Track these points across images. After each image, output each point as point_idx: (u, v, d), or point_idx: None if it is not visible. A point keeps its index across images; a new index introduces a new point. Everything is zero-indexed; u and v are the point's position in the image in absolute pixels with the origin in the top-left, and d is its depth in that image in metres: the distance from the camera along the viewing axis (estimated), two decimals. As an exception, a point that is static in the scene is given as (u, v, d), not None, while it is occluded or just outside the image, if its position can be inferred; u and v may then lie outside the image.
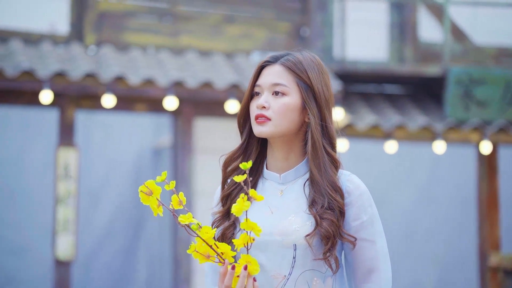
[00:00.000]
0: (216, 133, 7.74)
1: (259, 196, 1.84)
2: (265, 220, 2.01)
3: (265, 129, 2.02)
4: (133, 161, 10.02)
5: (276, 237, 1.99)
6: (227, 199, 2.07)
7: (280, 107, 2.02)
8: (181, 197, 1.88)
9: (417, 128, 7.75)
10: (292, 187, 2.05)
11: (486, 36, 8.82)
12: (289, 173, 2.06)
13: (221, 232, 2.03)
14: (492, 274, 8.00)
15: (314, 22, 8.04)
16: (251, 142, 2.09)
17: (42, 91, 6.82)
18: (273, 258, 2.00)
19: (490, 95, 7.88)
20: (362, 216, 2.01)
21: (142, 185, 1.85)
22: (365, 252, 2.01)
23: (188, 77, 7.20)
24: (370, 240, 2.01)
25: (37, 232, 9.14)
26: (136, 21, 7.82)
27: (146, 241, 9.98)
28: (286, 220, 2.00)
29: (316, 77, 2.05)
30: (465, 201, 9.93)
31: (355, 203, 2.01)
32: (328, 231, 1.96)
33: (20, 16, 7.71)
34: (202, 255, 1.88)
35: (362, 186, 2.03)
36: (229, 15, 8.07)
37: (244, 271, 1.87)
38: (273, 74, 2.04)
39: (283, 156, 2.07)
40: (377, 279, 2.01)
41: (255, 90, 2.06)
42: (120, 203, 9.84)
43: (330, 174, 2.01)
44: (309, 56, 2.09)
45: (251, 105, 2.06)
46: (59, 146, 7.18)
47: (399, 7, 8.54)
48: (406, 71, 8.06)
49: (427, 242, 10.05)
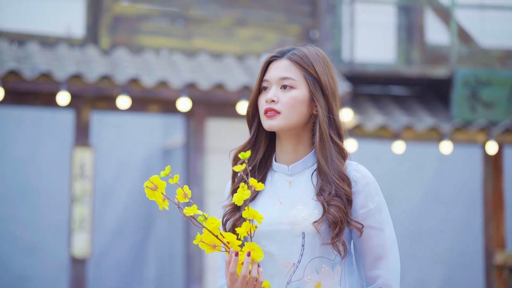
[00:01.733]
0: (228, 134, 7.85)
1: (259, 185, 1.88)
2: (274, 211, 2.04)
3: (275, 122, 2.04)
4: (143, 161, 10.11)
5: (285, 226, 2.01)
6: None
7: (289, 100, 2.04)
8: (186, 190, 1.91)
9: (425, 129, 7.79)
10: (300, 178, 2.07)
11: (492, 39, 8.83)
12: (297, 165, 2.07)
13: (232, 224, 2.06)
14: (498, 272, 8.03)
15: (323, 25, 8.15)
16: (260, 136, 2.11)
17: (59, 93, 6.96)
18: (283, 247, 2.02)
19: (496, 96, 7.92)
20: (369, 204, 2.02)
21: (147, 181, 1.90)
22: (373, 239, 2.02)
23: (200, 79, 7.33)
24: (378, 227, 2.02)
25: (51, 231, 9.23)
26: (149, 24, 7.95)
27: (157, 239, 10.07)
28: (295, 210, 2.03)
29: (322, 70, 2.07)
30: (471, 200, 9.90)
31: (362, 191, 2.03)
32: (335, 216, 1.98)
33: (37, 19, 7.84)
34: (208, 245, 1.92)
35: (369, 175, 2.05)
36: (241, 18, 8.19)
37: (247, 257, 1.89)
38: (281, 68, 2.07)
39: (291, 149, 2.08)
40: (385, 266, 2.02)
41: (263, 85, 2.08)
42: (130, 202, 9.93)
43: (337, 164, 2.02)
44: (314, 50, 2.11)
45: (259, 100, 2.09)
46: (75, 146, 7.32)
47: (406, 10, 8.59)
48: (414, 73, 8.12)
49: (433, 241, 10.06)
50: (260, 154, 2.10)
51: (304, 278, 2.01)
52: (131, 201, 9.93)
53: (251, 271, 1.91)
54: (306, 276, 2.01)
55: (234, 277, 1.91)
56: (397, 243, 2.08)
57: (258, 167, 2.10)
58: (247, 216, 1.88)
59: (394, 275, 2.02)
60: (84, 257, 7.23)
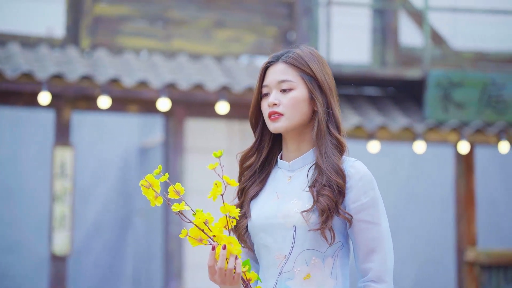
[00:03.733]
0: (207, 133, 7.96)
1: (232, 181, 1.96)
2: (271, 205, 2.11)
3: (279, 124, 2.10)
4: (121, 159, 10.14)
5: (279, 219, 2.07)
6: (242, 193, 2.18)
7: (290, 101, 2.10)
8: (178, 188, 1.99)
9: (399, 129, 7.83)
10: (299, 173, 2.12)
11: (464, 41, 8.90)
12: (297, 161, 2.14)
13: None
14: (468, 268, 8.09)
15: (300, 27, 8.24)
16: (263, 139, 2.18)
17: (41, 93, 7.04)
18: (277, 239, 2.07)
19: (467, 97, 7.96)
20: (362, 199, 2.05)
21: (143, 179, 1.98)
22: (366, 233, 2.05)
23: (180, 79, 7.42)
24: (371, 221, 2.05)
25: (32, 229, 9.27)
26: (129, 26, 8.03)
27: (134, 237, 10.12)
28: (289, 204, 2.08)
29: (317, 68, 2.12)
30: (444, 198, 9.97)
31: (355, 186, 2.06)
32: (324, 205, 2.02)
33: (18, 20, 7.90)
34: (194, 239, 1.97)
35: (363, 171, 2.09)
36: (219, 20, 8.28)
37: (223, 250, 1.94)
38: (278, 72, 2.12)
39: (295, 147, 2.15)
40: (377, 259, 2.04)
41: (263, 91, 2.15)
42: (108, 200, 9.96)
43: (332, 158, 2.07)
44: (307, 50, 2.15)
45: (262, 105, 2.15)
46: (56, 145, 7.41)
47: (381, 13, 8.66)
48: (388, 74, 8.15)
49: (407, 238, 10.10)
50: (264, 154, 2.18)
51: (294, 269, 2.06)
52: (109, 199, 9.98)
53: (228, 263, 1.95)
54: (296, 267, 2.06)
55: (212, 270, 1.99)
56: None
57: (264, 166, 2.18)
58: (223, 211, 1.95)
59: (386, 268, 2.04)
60: (65, 255, 7.31)
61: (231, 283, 1.99)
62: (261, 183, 2.17)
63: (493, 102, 8.05)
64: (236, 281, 1.99)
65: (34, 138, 9.42)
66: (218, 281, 1.99)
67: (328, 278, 2.06)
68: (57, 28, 7.87)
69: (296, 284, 2.06)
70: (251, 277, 2.01)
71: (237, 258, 1.97)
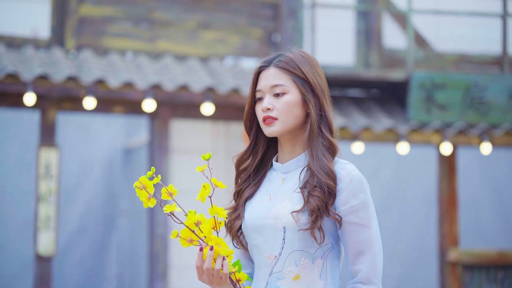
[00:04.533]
0: (192, 134, 7.99)
1: (220, 183, 2.00)
2: (263, 206, 2.14)
3: (274, 128, 2.14)
4: (106, 160, 10.13)
5: (270, 220, 2.10)
6: (238, 195, 2.21)
7: (283, 105, 2.13)
8: (171, 189, 2.03)
9: (382, 130, 7.86)
10: (292, 175, 2.15)
11: (447, 43, 8.98)
12: (291, 163, 2.16)
13: (229, 224, 2.18)
14: (451, 268, 8.14)
15: (285, 29, 8.28)
16: (258, 142, 2.22)
17: (26, 94, 7.03)
18: (268, 240, 2.10)
19: (450, 99, 8.00)
20: (351, 201, 2.07)
21: (137, 181, 2.02)
22: (356, 235, 2.07)
23: (165, 80, 7.44)
24: (361, 224, 2.07)
25: (17, 230, 9.26)
26: (114, 27, 8.05)
27: (119, 238, 10.11)
28: (280, 205, 2.10)
29: (309, 70, 2.15)
30: (427, 199, 10.01)
31: (345, 189, 2.07)
32: (313, 205, 2.04)
33: (3, 21, 7.89)
34: (185, 240, 2.01)
35: (354, 173, 2.10)
36: (204, 22, 8.31)
37: (210, 251, 1.98)
38: (270, 77, 2.15)
39: (289, 149, 2.18)
40: (366, 261, 2.07)
41: (257, 95, 2.18)
42: (92, 201, 9.95)
43: (323, 160, 2.09)
44: (298, 52, 2.18)
45: (256, 109, 2.19)
46: (41, 146, 7.41)
47: (365, 15, 8.73)
48: (372, 76, 8.18)
49: (391, 239, 10.17)
50: (258, 157, 2.21)
51: (283, 270, 2.08)
52: (93, 200, 9.98)
53: (216, 264, 1.99)
54: (285, 268, 2.08)
55: (199, 270, 2.03)
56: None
57: (259, 168, 2.22)
58: (211, 213, 1.99)
59: (375, 270, 2.07)
60: (50, 255, 7.32)
61: (219, 283, 2.03)
62: (256, 185, 2.20)
63: (475, 103, 8.11)
64: (224, 281, 2.02)
65: (19, 138, 9.40)
66: (207, 281, 2.03)
67: (317, 279, 2.08)
68: (42, 29, 7.87)
69: (285, 284, 2.08)
70: (241, 277, 2.05)
71: (225, 259, 2.00)
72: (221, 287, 2.05)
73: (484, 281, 8.18)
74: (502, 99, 8.15)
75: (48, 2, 7.88)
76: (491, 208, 10.60)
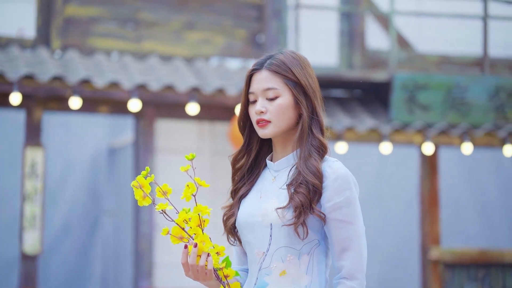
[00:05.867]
0: (177, 134, 8.03)
1: (203, 182, 2.06)
2: (253, 204, 2.19)
3: (267, 131, 2.18)
4: (90, 160, 10.12)
5: (258, 218, 2.15)
6: (235, 194, 2.27)
7: (276, 109, 2.17)
8: (165, 188, 2.11)
9: (365, 130, 7.91)
10: (283, 174, 2.19)
11: (429, 45, 9.05)
12: (281, 161, 2.21)
13: (224, 222, 2.25)
14: (432, 267, 8.20)
15: (269, 30, 8.34)
16: (251, 141, 2.26)
17: (12, 93, 7.06)
18: (257, 236, 2.16)
19: (432, 99, 8.06)
20: (336, 198, 2.10)
21: (134, 181, 2.09)
22: (340, 231, 2.11)
23: (151, 80, 7.47)
24: (345, 220, 2.11)
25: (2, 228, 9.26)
26: (100, 27, 8.08)
27: (103, 237, 10.11)
28: (269, 203, 2.15)
29: (300, 72, 2.18)
30: (409, 198, 10.05)
31: (331, 186, 2.11)
32: (297, 202, 2.08)
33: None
34: (175, 237, 2.08)
35: (340, 171, 2.13)
36: (190, 22, 8.35)
37: (194, 248, 2.05)
38: (263, 80, 2.18)
39: (281, 148, 2.22)
40: (350, 257, 2.11)
41: (250, 97, 2.21)
42: (77, 200, 9.94)
43: (310, 160, 2.13)
44: (289, 54, 2.21)
45: (249, 111, 2.22)
46: (26, 145, 7.43)
47: (348, 17, 8.78)
48: (355, 76, 8.21)
49: (373, 238, 10.21)
50: (252, 156, 2.26)
51: (271, 265, 2.14)
52: (77, 199, 9.98)
53: (199, 260, 2.05)
54: (272, 263, 2.13)
55: (185, 267, 2.09)
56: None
57: (254, 167, 2.27)
58: (195, 211, 2.06)
59: (359, 266, 2.12)
60: (35, 254, 7.35)
61: (204, 279, 2.09)
62: (250, 183, 2.25)
63: (457, 104, 8.18)
64: (209, 277, 2.09)
65: (4, 138, 9.40)
66: (193, 277, 2.11)
67: (303, 274, 2.13)
68: (27, 29, 7.88)
69: (272, 280, 2.14)
70: (229, 273, 2.11)
71: (209, 255, 2.06)
72: (207, 282, 2.11)
73: (465, 280, 8.26)
74: (483, 100, 8.23)
75: (34, 2, 7.89)
76: (472, 207, 10.69)
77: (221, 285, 2.12)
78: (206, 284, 2.14)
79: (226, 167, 7.98)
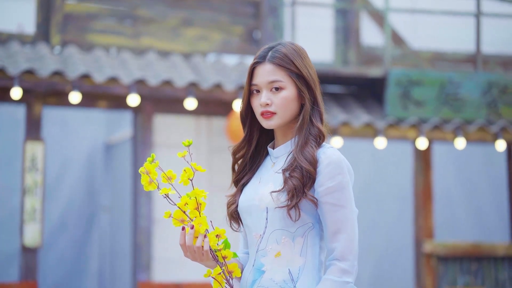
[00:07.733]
0: (175, 129, 8.09)
1: (199, 167, 2.15)
2: (252, 189, 2.28)
3: (273, 122, 2.25)
4: (87, 155, 10.14)
5: (256, 202, 2.24)
6: (237, 182, 2.35)
7: (281, 101, 2.24)
8: (169, 174, 2.17)
9: (360, 125, 7.97)
10: (281, 160, 2.28)
11: (423, 41, 9.11)
12: (280, 148, 2.30)
13: (227, 208, 2.35)
14: (426, 260, 8.27)
15: (266, 26, 8.39)
16: (252, 132, 2.34)
17: (12, 88, 7.13)
18: (255, 220, 2.25)
19: (426, 95, 8.12)
20: (328, 183, 2.17)
21: (142, 167, 2.17)
22: (332, 215, 2.17)
23: (149, 76, 7.52)
24: (337, 204, 2.17)
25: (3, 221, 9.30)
26: (99, 23, 8.14)
27: (100, 232, 10.13)
28: (266, 187, 2.23)
29: (301, 64, 2.23)
30: (403, 193, 10.11)
31: (323, 171, 2.18)
32: (291, 185, 2.16)
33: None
34: (177, 220, 2.16)
35: (333, 157, 2.21)
36: (187, 19, 8.42)
37: (190, 230, 2.13)
38: (267, 73, 2.23)
39: (282, 137, 2.31)
40: (342, 239, 2.16)
41: (253, 88, 2.27)
42: (74, 195, 9.97)
43: (306, 147, 2.20)
44: (289, 46, 2.26)
45: (253, 102, 2.28)
46: (27, 140, 7.52)
47: (343, 14, 8.85)
48: (350, 72, 8.28)
49: (368, 231, 10.25)
50: (253, 145, 2.34)
51: (266, 247, 2.22)
52: (75, 194, 10.01)
53: (196, 242, 2.13)
54: (268, 246, 2.22)
55: (183, 248, 2.17)
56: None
57: (256, 155, 2.36)
58: (191, 194, 2.14)
59: (350, 248, 2.16)
60: (35, 247, 7.43)
61: (201, 259, 2.18)
62: (252, 171, 2.35)
63: (450, 100, 8.24)
64: (206, 257, 2.17)
65: (5, 132, 9.46)
66: (191, 257, 2.20)
67: (297, 256, 2.20)
68: (27, 25, 7.95)
69: (268, 261, 2.23)
70: (227, 254, 2.20)
71: (206, 236, 2.15)
72: (205, 263, 2.20)
73: (458, 272, 8.34)
74: (476, 96, 8.29)
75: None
76: (465, 202, 10.76)
77: (217, 265, 2.20)
78: (204, 264, 2.22)
79: (223, 161, 8.08)
